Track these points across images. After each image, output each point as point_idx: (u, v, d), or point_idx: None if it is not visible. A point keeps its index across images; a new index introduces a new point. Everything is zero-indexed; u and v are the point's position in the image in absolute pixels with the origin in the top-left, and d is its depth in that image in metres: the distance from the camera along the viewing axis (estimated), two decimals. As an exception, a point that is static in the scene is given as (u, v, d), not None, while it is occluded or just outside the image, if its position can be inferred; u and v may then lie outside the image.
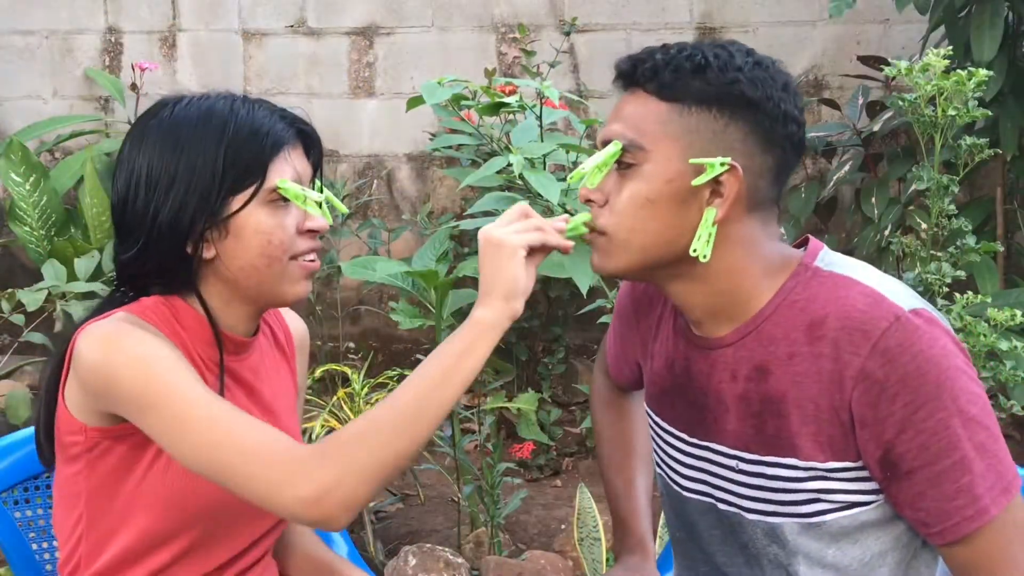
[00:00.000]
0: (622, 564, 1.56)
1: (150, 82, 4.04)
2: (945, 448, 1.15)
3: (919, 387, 1.15)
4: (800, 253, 1.29)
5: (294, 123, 1.37)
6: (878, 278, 1.24)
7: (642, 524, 1.60)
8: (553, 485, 3.33)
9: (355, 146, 4.14)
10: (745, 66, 1.22)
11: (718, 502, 1.33)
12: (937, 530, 1.18)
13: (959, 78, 2.38)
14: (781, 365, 1.23)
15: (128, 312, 1.31)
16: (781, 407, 1.23)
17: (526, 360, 3.67)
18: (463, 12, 4.05)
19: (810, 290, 1.23)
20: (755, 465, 1.27)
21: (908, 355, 1.15)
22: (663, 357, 1.38)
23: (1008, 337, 2.37)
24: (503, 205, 2.54)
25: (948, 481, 1.16)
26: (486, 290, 1.22)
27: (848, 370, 1.17)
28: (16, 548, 1.62)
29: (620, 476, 1.63)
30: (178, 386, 1.22)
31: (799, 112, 1.25)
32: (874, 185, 3.44)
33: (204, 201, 1.29)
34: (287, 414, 1.47)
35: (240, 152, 1.31)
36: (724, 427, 1.29)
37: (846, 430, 1.19)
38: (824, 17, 3.88)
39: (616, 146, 1.23)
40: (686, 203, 1.21)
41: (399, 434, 1.18)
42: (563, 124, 3.59)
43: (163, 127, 1.33)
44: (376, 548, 2.76)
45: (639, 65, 1.25)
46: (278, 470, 1.17)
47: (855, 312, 1.18)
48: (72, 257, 3.21)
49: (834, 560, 1.25)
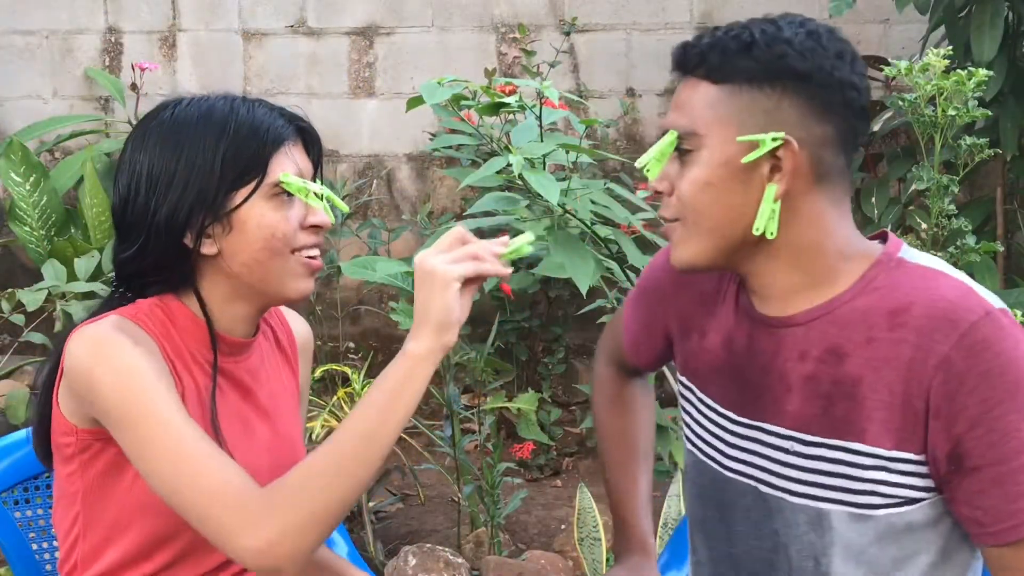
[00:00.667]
0: (623, 563, 1.56)
1: (150, 82, 4.04)
2: (1014, 449, 1.14)
3: (998, 385, 1.14)
4: (879, 245, 1.29)
5: (293, 120, 1.38)
6: (964, 275, 1.24)
7: (643, 523, 1.59)
8: (553, 485, 3.34)
9: (355, 146, 4.14)
10: (795, 38, 1.20)
11: (761, 484, 1.31)
12: (992, 530, 1.17)
13: (959, 78, 2.38)
14: (858, 348, 1.22)
15: (121, 315, 1.31)
16: (855, 390, 1.21)
17: (526, 360, 3.67)
18: (463, 12, 4.05)
19: (893, 279, 1.23)
20: (814, 448, 1.25)
21: (992, 352, 1.14)
22: (720, 333, 1.36)
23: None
24: (503, 205, 2.54)
25: (1013, 483, 1.15)
26: (419, 321, 1.21)
27: (931, 358, 1.16)
28: (16, 548, 1.62)
29: (623, 475, 1.62)
30: (152, 408, 1.22)
31: (859, 78, 1.23)
32: (874, 185, 3.45)
33: (202, 197, 1.30)
34: (286, 416, 1.47)
35: (241, 149, 1.31)
36: (784, 407, 1.27)
37: (918, 419, 1.18)
38: (824, 17, 3.88)
39: (671, 135, 1.23)
40: (746, 182, 1.21)
41: (342, 478, 1.19)
42: (563, 124, 3.59)
43: (164, 128, 1.34)
44: (376, 548, 2.76)
45: (688, 51, 1.25)
46: (229, 517, 1.18)
47: (943, 302, 1.18)
48: (72, 257, 3.21)
49: (872, 557, 1.24)
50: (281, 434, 1.44)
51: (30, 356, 3.36)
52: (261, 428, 1.41)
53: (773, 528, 1.30)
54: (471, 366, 2.91)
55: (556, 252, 2.44)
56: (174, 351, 1.33)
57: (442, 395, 2.75)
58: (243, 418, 1.40)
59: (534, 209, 2.63)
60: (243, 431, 1.39)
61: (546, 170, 2.54)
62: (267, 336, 1.50)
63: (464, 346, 2.96)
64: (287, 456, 1.42)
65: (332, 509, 1.19)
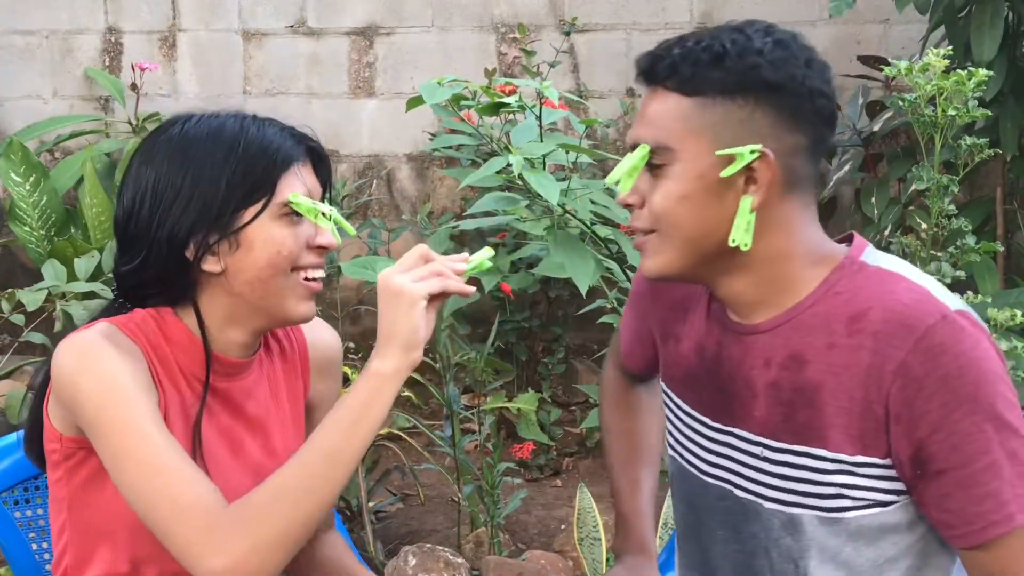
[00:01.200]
0: (623, 563, 1.56)
1: (150, 82, 4.04)
2: (977, 452, 1.14)
3: (958, 388, 1.14)
4: (844, 248, 1.28)
5: (303, 140, 1.37)
6: (924, 277, 1.23)
7: (645, 523, 1.59)
8: (553, 485, 3.33)
9: (355, 146, 4.14)
10: (766, 47, 1.20)
11: (736, 488, 1.32)
12: (960, 533, 1.18)
13: (959, 78, 2.38)
14: (819, 355, 1.22)
15: (111, 324, 1.31)
16: (815, 397, 1.22)
17: (526, 360, 3.67)
18: (463, 12, 4.05)
19: (855, 284, 1.23)
20: (781, 454, 1.26)
21: (950, 355, 1.14)
22: (692, 340, 1.37)
23: (1008, 337, 2.37)
24: (503, 205, 2.54)
25: (976, 485, 1.15)
26: (384, 340, 1.22)
27: (888, 364, 1.16)
28: (16, 548, 1.62)
29: (626, 474, 1.63)
30: (129, 419, 1.23)
31: (826, 85, 1.24)
32: (874, 185, 3.44)
33: (207, 214, 1.30)
34: (283, 431, 1.45)
35: (250, 168, 1.31)
36: (751, 413, 1.28)
37: (879, 424, 1.18)
38: (824, 17, 3.88)
39: (643, 150, 1.22)
40: (721, 195, 1.21)
41: (308, 496, 1.20)
42: (563, 124, 3.59)
43: (172, 143, 1.34)
44: (376, 548, 2.76)
45: (657, 62, 1.23)
46: (197, 535, 1.19)
47: (899, 306, 1.18)
48: (72, 257, 3.21)
49: (848, 558, 1.24)
50: (273, 452, 1.42)
51: (30, 356, 3.36)
52: (251, 446, 1.40)
53: (752, 532, 1.31)
54: (471, 366, 2.91)
55: (556, 252, 2.44)
56: (162, 363, 1.33)
57: (442, 395, 2.75)
58: (232, 437, 1.39)
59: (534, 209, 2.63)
60: (230, 450, 1.38)
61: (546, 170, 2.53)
62: (272, 351, 1.48)
63: (464, 346, 2.96)
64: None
65: (298, 527, 1.20)
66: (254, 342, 1.40)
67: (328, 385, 1.56)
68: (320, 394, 1.54)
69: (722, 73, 1.19)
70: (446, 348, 2.80)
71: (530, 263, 3.38)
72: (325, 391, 1.55)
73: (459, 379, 3.32)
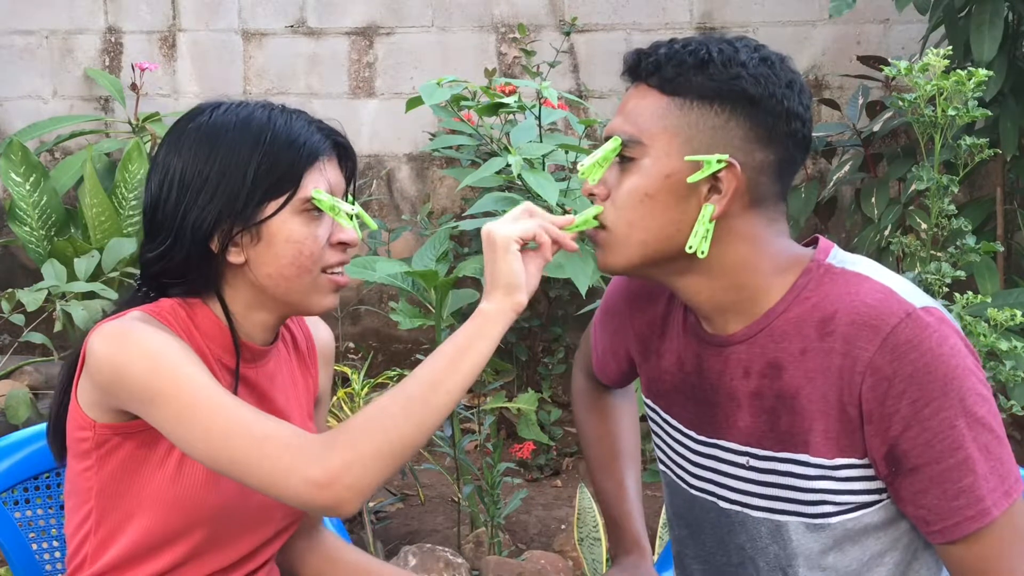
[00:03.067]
0: (619, 565, 1.56)
1: (150, 82, 4.04)
2: (949, 447, 1.15)
3: (926, 384, 1.15)
4: (811, 251, 1.28)
5: (331, 135, 1.38)
6: (890, 276, 1.24)
7: (636, 524, 1.59)
8: (553, 485, 3.34)
9: (355, 146, 4.03)
10: (749, 62, 1.22)
11: (721, 500, 1.33)
12: (937, 528, 1.18)
13: (959, 78, 2.38)
14: (794, 361, 1.23)
15: (143, 312, 1.32)
16: (795, 403, 1.23)
17: (526, 360, 3.67)
18: (463, 12, 4.05)
19: (823, 287, 1.23)
20: (766, 462, 1.27)
21: (917, 352, 1.15)
22: (673, 354, 1.37)
23: (1008, 337, 2.37)
24: (502, 205, 2.54)
25: (951, 480, 1.16)
26: (489, 285, 1.24)
27: (857, 365, 1.17)
28: (16, 548, 1.62)
29: (609, 478, 1.63)
30: (186, 377, 1.23)
31: (804, 110, 1.25)
32: (874, 185, 3.44)
33: (232, 204, 1.30)
34: (300, 421, 1.47)
35: (276, 160, 1.31)
36: (735, 424, 1.29)
37: (854, 426, 1.20)
38: (824, 17, 3.88)
39: (615, 141, 1.24)
40: (685, 199, 1.22)
41: (407, 419, 1.20)
42: (563, 124, 3.59)
43: (200, 131, 1.34)
44: (376, 548, 2.76)
45: (643, 59, 1.25)
46: (288, 455, 1.18)
47: (864, 307, 1.19)
48: (72, 257, 3.21)
49: (833, 562, 1.25)
50: None
51: (30, 356, 3.36)
52: None
53: (739, 543, 1.32)
54: (471, 366, 2.90)
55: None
56: (196, 351, 1.33)
57: (442, 395, 2.75)
58: None
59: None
60: None
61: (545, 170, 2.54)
62: (285, 341, 1.49)
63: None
64: None
65: (396, 447, 1.19)
66: (277, 326, 1.42)
67: (328, 378, 1.57)
68: (323, 387, 1.56)
69: (704, 78, 1.21)
70: (446, 348, 2.79)
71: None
72: (326, 384, 1.57)
73: (459, 379, 3.32)
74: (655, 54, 1.24)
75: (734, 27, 3.94)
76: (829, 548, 1.25)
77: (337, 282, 1.36)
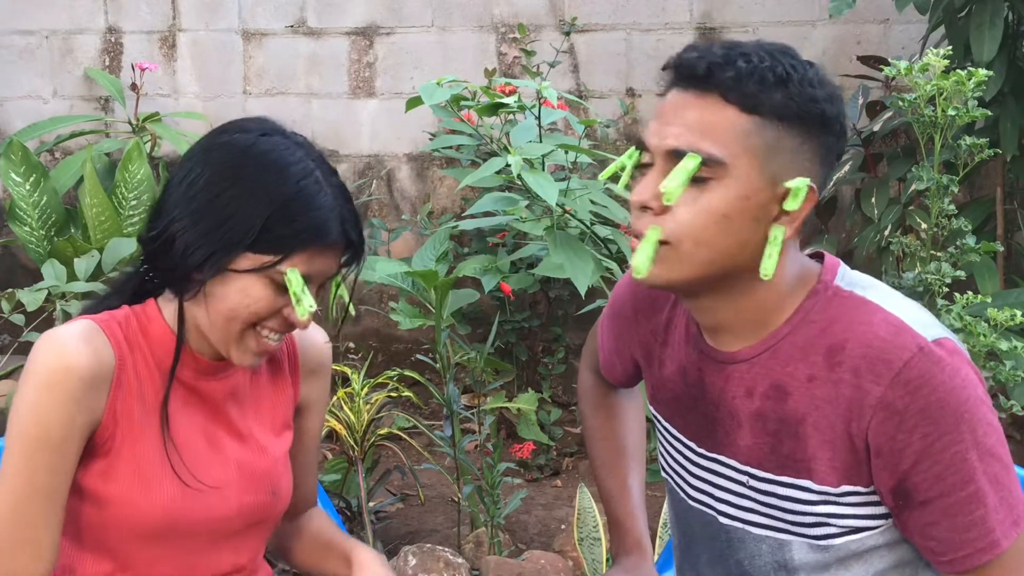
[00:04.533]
0: (620, 565, 1.56)
1: (150, 82, 4.04)
2: (961, 480, 1.14)
3: (938, 419, 1.14)
4: (817, 268, 1.26)
5: (347, 233, 1.33)
6: (900, 303, 1.21)
7: (638, 524, 1.59)
8: (553, 485, 3.34)
9: (355, 146, 4.14)
10: (816, 79, 1.18)
11: (719, 515, 1.32)
12: (947, 559, 1.18)
13: (959, 78, 2.38)
14: (801, 387, 1.21)
15: (92, 321, 1.33)
16: (799, 429, 1.21)
17: (526, 360, 3.67)
18: (463, 12, 4.05)
19: (830, 311, 1.21)
20: (766, 484, 1.25)
21: (929, 387, 1.14)
22: (675, 364, 1.35)
23: (1008, 337, 2.37)
24: (502, 205, 2.54)
25: (962, 513, 1.15)
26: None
27: (868, 399, 1.16)
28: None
29: (613, 477, 1.62)
30: (23, 458, 1.27)
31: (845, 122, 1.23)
32: (874, 185, 3.44)
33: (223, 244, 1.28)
34: (269, 433, 1.46)
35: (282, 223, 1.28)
36: (736, 442, 1.27)
37: (860, 458, 1.18)
38: (824, 17, 3.88)
39: (696, 160, 1.16)
40: (758, 220, 1.17)
41: None
42: (563, 124, 3.59)
43: (235, 151, 1.31)
44: (376, 548, 2.76)
45: (716, 70, 1.17)
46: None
47: (877, 341, 1.16)
48: (72, 257, 3.21)
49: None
50: (258, 452, 1.43)
51: (30, 356, 3.35)
52: (230, 446, 1.40)
53: (737, 559, 1.31)
54: (471, 366, 2.91)
55: (556, 252, 2.45)
56: (142, 361, 1.34)
57: (442, 395, 2.75)
58: (209, 435, 1.39)
59: (534, 209, 2.63)
60: (208, 446, 1.38)
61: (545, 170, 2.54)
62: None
63: (464, 346, 2.96)
64: (261, 471, 1.42)
65: None
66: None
67: (319, 387, 1.55)
68: (309, 397, 1.54)
69: (785, 97, 1.16)
70: (446, 348, 2.80)
71: (530, 263, 3.38)
72: (315, 393, 1.54)
73: (459, 379, 3.32)
74: (732, 66, 1.16)
75: (734, 27, 3.94)
76: (831, 564, 1.24)
77: (266, 347, 1.34)
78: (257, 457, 1.42)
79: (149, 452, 1.33)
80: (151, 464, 1.33)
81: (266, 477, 1.42)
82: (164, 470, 1.33)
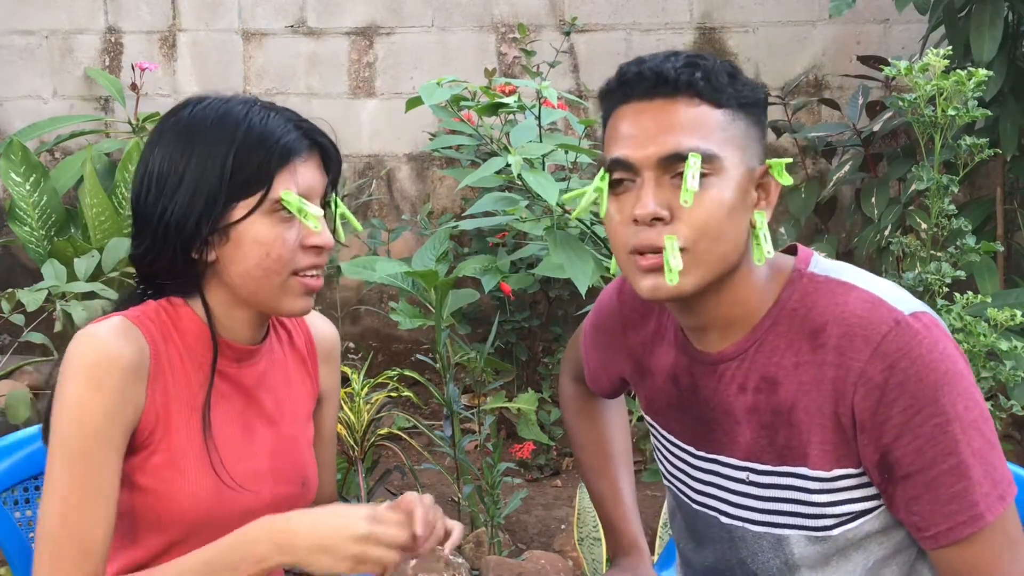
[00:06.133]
0: (618, 566, 1.56)
1: (150, 82, 4.04)
2: (942, 453, 1.15)
3: (918, 391, 1.15)
4: (791, 260, 1.28)
5: (310, 134, 1.35)
6: (874, 282, 1.23)
7: (632, 525, 1.59)
8: (553, 485, 3.34)
9: (355, 146, 4.14)
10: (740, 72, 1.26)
11: (721, 515, 1.33)
12: (931, 534, 1.18)
13: (959, 78, 2.38)
14: (788, 375, 1.23)
15: (124, 317, 1.31)
16: (791, 416, 1.22)
17: (526, 360, 3.67)
18: (463, 12, 4.05)
19: (808, 298, 1.23)
20: (766, 476, 1.26)
21: (907, 360, 1.15)
22: (665, 372, 1.37)
23: (1008, 337, 2.37)
24: (502, 205, 2.54)
25: (944, 485, 1.16)
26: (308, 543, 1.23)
27: (850, 375, 1.17)
28: (16, 548, 1.62)
29: (603, 480, 1.63)
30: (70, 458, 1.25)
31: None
32: (874, 185, 3.44)
33: (210, 205, 1.28)
34: (296, 421, 1.46)
35: (248, 159, 1.29)
36: (735, 439, 1.29)
37: (848, 436, 1.20)
38: (824, 17, 3.88)
39: (696, 157, 1.17)
40: (748, 208, 1.22)
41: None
42: (563, 124, 3.59)
43: (179, 126, 1.32)
44: (376, 548, 2.75)
45: (685, 72, 1.20)
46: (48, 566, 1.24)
47: (854, 318, 1.18)
48: (72, 257, 3.21)
49: (836, 568, 1.26)
50: (287, 439, 1.43)
51: (30, 356, 3.35)
52: (264, 434, 1.41)
53: (740, 557, 1.32)
54: (471, 366, 2.91)
55: (555, 252, 2.44)
56: (176, 353, 1.33)
57: (442, 395, 2.75)
58: (244, 423, 1.39)
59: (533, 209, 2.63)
60: (243, 435, 1.38)
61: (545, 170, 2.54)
62: (280, 339, 1.48)
63: (464, 346, 2.96)
64: (290, 462, 1.42)
65: None
66: (261, 324, 1.40)
67: (333, 375, 1.55)
68: (326, 385, 1.54)
69: (738, 88, 1.22)
70: (446, 348, 2.80)
71: (530, 263, 3.38)
72: (330, 382, 1.55)
73: (459, 379, 3.32)
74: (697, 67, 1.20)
75: (734, 27, 3.94)
76: (831, 555, 1.25)
77: (308, 285, 1.33)
78: (288, 447, 1.42)
79: (186, 446, 1.32)
80: (187, 458, 1.32)
81: (296, 467, 1.43)
82: (202, 464, 1.33)
